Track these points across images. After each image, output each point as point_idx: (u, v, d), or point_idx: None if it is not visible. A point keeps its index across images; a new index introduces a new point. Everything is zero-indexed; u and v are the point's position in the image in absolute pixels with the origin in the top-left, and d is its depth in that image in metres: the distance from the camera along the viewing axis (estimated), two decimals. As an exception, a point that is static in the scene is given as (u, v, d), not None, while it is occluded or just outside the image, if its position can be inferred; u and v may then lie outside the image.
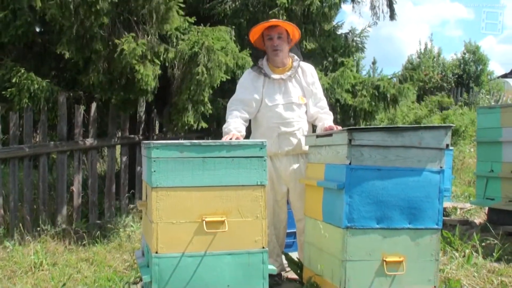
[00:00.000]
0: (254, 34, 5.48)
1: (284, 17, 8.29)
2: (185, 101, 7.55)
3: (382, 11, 11.11)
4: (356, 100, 9.61)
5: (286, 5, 8.38)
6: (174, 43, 7.64)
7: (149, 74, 7.07)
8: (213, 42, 7.37)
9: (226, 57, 7.50)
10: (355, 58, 10.70)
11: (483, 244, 6.25)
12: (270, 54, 5.38)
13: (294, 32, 5.41)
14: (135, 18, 7.28)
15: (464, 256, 5.83)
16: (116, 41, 7.02)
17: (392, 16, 11.11)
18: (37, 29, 8.11)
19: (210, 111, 7.81)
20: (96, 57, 7.17)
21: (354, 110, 9.72)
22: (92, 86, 7.49)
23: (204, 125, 7.90)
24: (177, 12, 7.25)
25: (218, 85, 7.57)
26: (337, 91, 9.13)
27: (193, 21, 7.79)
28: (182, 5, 7.30)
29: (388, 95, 9.76)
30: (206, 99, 7.61)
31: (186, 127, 7.89)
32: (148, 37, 7.22)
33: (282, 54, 5.35)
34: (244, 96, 5.34)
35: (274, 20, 5.50)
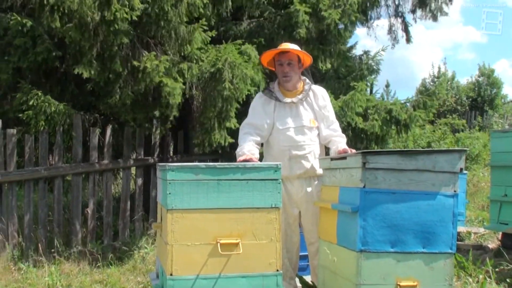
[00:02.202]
0: (265, 57, 5.51)
1: (304, 34, 8.33)
2: (211, 119, 7.59)
3: (398, 35, 11.25)
4: (367, 124, 9.60)
5: (306, 24, 8.41)
6: (195, 62, 7.70)
7: (176, 87, 7.14)
8: (235, 58, 7.42)
9: (250, 70, 7.55)
10: (367, 81, 10.70)
11: (497, 269, 6.23)
12: (281, 80, 5.38)
13: (305, 58, 5.42)
14: (153, 40, 7.36)
15: (477, 281, 5.80)
16: (135, 62, 7.11)
17: (408, 39, 11.24)
18: (54, 53, 8.20)
19: (237, 125, 7.85)
20: (118, 77, 7.25)
21: (366, 134, 9.71)
22: (116, 107, 7.57)
23: (231, 140, 7.94)
24: (200, 34, 7.36)
25: (244, 99, 7.61)
26: (348, 114, 9.13)
27: (213, 35, 7.84)
28: (206, 28, 7.41)
29: (400, 120, 9.76)
30: (233, 114, 7.66)
31: (215, 145, 7.93)
32: (170, 55, 7.30)
33: (292, 80, 5.35)
34: (255, 120, 5.34)
35: (285, 46, 5.45)
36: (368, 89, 10.92)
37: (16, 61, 7.54)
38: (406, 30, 11.27)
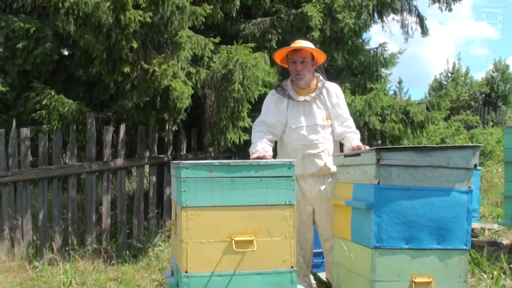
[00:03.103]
0: (279, 55, 5.48)
1: (317, 37, 8.30)
2: (224, 119, 7.60)
3: (411, 28, 11.19)
4: (386, 125, 9.55)
5: (319, 26, 8.38)
6: (205, 64, 7.71)
7: (184, 92, 7.15)
8: (246, 59, 7.42)
9: (261, 72, 7.54)
10: (383, 79, 10.65)
11: (511, 265, 6.20)
12: (294, 78, 5.35)
13: (319, 55, 5.38)
14: (164, 41, 7.39)
15: (492, 278, 5.78)
16: (145, 65, 7.14)
17: (424, 32, 11.15)
18: (66, 53, 8.24)
19: (250, 124, 7.84)
20: (127, 79, 7.28)
21: (382, 134, 9.67)
22: (129, 108, 7.60)
23: (245, 138, 7.94)
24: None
25: (256, 99, 7.62)
26: (368, 113, 9.08)
27: (217, 41, 7.87)
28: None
29: (416, 121, 9.72)
30: (245, 114, 7.67)
31: (229, 144, 7.94)
32: (181, 58, 7.32)
33: (305, 78, 5.32)
34: (268, 118, 5.33)
35: (298, 43, 5.42)
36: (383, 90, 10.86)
37: (21, 63, 7.57)
38: (421, 23, 11.20)
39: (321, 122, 5.28)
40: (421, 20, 11.18)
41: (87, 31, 6.84)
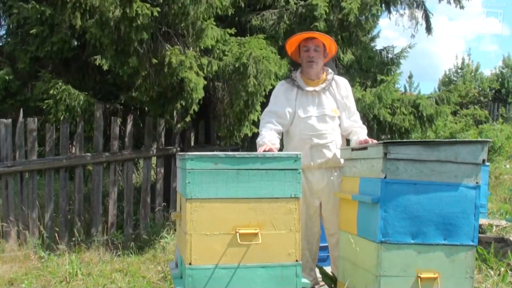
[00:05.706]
0: (291, 44, 5.45)
1: (322, 27, 8.26)
2: (237, 112, 7.56)
3: (419, 23, 11.17)
4: (396, 118, 9.51)
5: (325, 16, 8.33)
6: (216, 56, 7.67)
7: (199, 83, 7.13)
8: (259, 52, 7.39)
9: (273, 65, 7.51)
10: (392, 74, 10.63)
11: (518, 262, 6.17)
12: (305, 65, 5.33)
13: (331, 46, 5.37)
14: (174, 32, 7.35)
15: (499, 274, 5.74)
16: (157, 58, 7.10)
17: (428, 30, 11.13)
18: (75, 43, 8.23)
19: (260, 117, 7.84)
20: (139, 71, 7.25)
21: (391, 127, 9.63)
22: (141, 100, 7.58)
23: (255, 130, 7.89)
24: (212, 29, 7.34)
25: (267, 93, 7.58)
26: (378, 106, 9.03)
27: (233, 32, 7.84)
28: (214, 25, 7.38)
29: (425, 114, 9.68)
30: (258, 108, 7.65)
31: (242, 137, 7.91)
32: (190, 49, 7.28)
33: (317, 67, 5.29)
34: (277, 108, 5.29)
35: (312, 32, 5.43)
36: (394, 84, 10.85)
37: (34, 50, 7.57)
38: (427, 20, 11.17)
39: (330, 112, 5.25)
40: (427, 17, 11.16)
41: (92, 24, 6.82)
